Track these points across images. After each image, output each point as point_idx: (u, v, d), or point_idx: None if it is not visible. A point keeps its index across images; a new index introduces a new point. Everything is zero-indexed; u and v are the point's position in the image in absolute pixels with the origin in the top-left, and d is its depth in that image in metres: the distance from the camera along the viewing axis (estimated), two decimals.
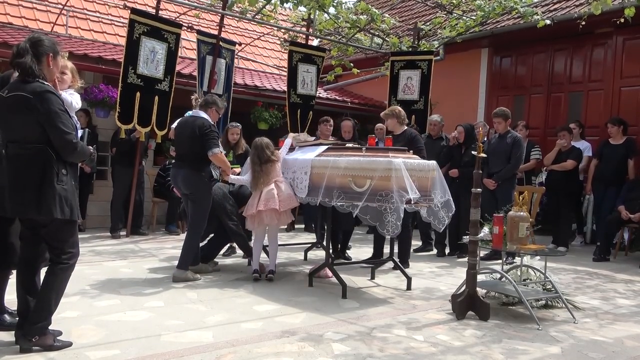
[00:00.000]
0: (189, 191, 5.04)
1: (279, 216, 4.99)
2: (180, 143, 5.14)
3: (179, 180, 5.07)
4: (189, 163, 4.99)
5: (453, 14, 9.62)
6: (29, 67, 2.97)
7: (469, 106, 10.05)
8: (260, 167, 5.00)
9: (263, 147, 5.04)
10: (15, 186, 2.96)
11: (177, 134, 5.19)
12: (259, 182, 4.99)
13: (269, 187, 4.96)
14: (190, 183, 5.01)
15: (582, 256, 6.96)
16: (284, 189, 4.97)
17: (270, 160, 5.02)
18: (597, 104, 8.79)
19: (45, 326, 3.08)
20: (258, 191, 5.00)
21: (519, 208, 4.21)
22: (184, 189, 5.07)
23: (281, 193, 4.94)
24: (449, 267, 6.16)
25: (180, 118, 5.34)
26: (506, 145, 6.54)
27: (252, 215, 5.01)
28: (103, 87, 7.83)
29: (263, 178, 4.98)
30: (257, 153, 5.03)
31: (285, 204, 4.94)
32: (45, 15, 10.10)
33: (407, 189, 4.10)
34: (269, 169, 5.01)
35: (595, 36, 8.71)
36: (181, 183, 5.06)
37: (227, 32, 11.19)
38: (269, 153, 5.02)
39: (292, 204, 5.03)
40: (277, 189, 4.95)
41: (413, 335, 3.61)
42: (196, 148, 4.94)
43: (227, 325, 3.69)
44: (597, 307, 4.50)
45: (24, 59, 2.98)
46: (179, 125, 5.19)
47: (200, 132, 4.90)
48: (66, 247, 3.11)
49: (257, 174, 5.00)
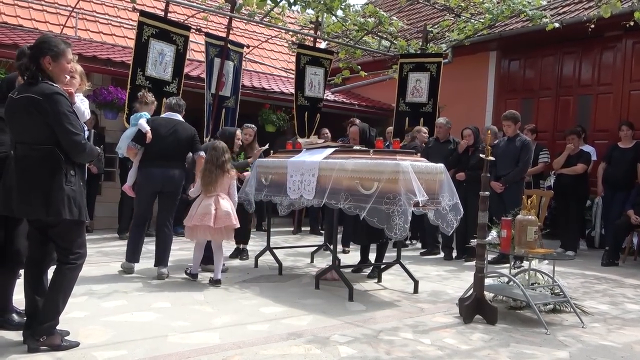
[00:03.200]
0: (175, 189, 5.24)
1: (212, 232, 4.89)
2: (169, 144, 5.18)
3: (166, 179, 5.16)
4: (176, 163, 5.23)
5: (461, 17, 9.60)
6: (24, 69, 2.99)
7: (477, 109, 10.03)
8: (215, 170, 4.92)
9: (221, 152, 5.00)
10: (24, 187, 2.98)
11: (161, 134, 5.20)
12: (208, 186, 4.93)
13: (209, 199, 4.88)
14: (179, 182, 5.25)
15: (591, 260, 6.92)
16: (222, 206, 4.87)
17: (225, 168, 4.95)
18: (606, 107, 8.74)
19: (53, 326, 3.09)
20: (201, 197, 4.97)
21: (527, 212, 4.18)
22: (170, 188, 5.20)
23: (219, 209, 4.84)
24: (456, 270, 6.13)
25: (150, 118, 5.39)
26: (515, 148, 6.51)
27: (188, 227, 4.96)
28: (112, 89, 7.87)
29: (212, 185, 4.91)
30: (216, 154, 4.97)
31: (220, 222, 4.83)
32: (55, 18, 10.18)
33: (414, 191, 4.09)
34: (220, 176, 4.93)
35: (605, 39, 8.67)
36: (169, 182, 5.17)
37: (235, 34, 11.23)
38: (224, 160, 4.97)
39: (227, 222, 4.87)
40: (215, 204, 4.85)
41: (420, 338, 3.59)
42: (184, 149, 5.27)
43: (234, 327, 3.69)
44: (606, 312, 4.46)
45: (22, 62, 3.01)
46: (159, 125, 5.25)
47: (193, 136, 5.28)
48: (74, 247, 3.12)
49: (208, 175, 4.92)
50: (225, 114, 8.29)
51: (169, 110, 5.45)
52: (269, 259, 5.88)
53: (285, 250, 6.81)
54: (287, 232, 8.95)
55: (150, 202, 5.34)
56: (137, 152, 5.24)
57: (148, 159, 5.20)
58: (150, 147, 5.18)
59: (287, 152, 5.66)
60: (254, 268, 5.79)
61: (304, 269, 5.96)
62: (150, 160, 5.19)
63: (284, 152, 5.75)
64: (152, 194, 5.28)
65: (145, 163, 5.22)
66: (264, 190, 5.47)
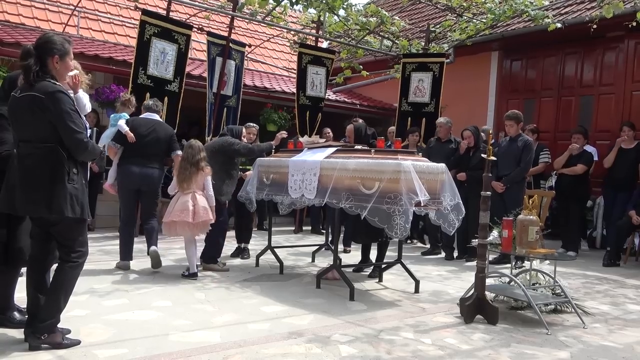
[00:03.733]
0: (154, 188, 5.44)
1: (192, 228, 5.04)
2: (149, 143, 5.36)
3: (145, 178, 5.33)
4: (155, 162, 5.42)
5: (463, 17, 9.60)
6: (32, 69, 3.00)
7: (479, 109, 10.03)
8: (190, 168, 5.06)
9: (197, 151, 5.12)
10: (27, 185, 2.98)
11: (140, 134, 5.34)
12: (182, 182, 5.06)
13: (186, 196, 5.02)
14: (158, 181, 5.47)
15: (592, 261, 6.91)
16: (199, 202, 5.03)
17: (199, 166, 5.07)
18: (608, 108, 8.74)
19: (54, 324, 3.10)
20: (178, 194, 5.11)
21: (528, 212, 4.18)
22: (148, 186, 5.38)
23: (196, 205, 5.00)
24: (457, 270, 6.13)
25: (130, 118, 5.56)
26: (517, 148, 6.50)
27: (166, 223, 5.08)
28: (114, 87, 7.87)
29: (187, 182, 5.05)
30: (192, 152, 5.10)
31: (198, 217, 4.99)
32: (57, 16, 10.19)
33: (416, 191, 4.09)
34: (195, 174, 5.07)
35: (607, 40, 8.66)
36: (147, 180, 5.35)
37: (237, 33, 11.23)
38: (200, 159, 5.09)
39: (205, 217, 5.04)
40: (192, 200, 5.01)
41: (421, 338, 3.60)
42: (163, 149, 5.48)
43: (235, 326, 3.69)
44: (607, 313, 4.46)
45: (28, 62, 3.01)
46: (139, 125, 5.42)
47: (171, 136, 5.55)
48: (75, 245, 3.13)
49: (183, 172, 5.06)
50: (226, 113, 8.29)
51: (148, 111, 5.61)
52: (270, 258, 5.89)
53: (287, 250, 6.81)
54: (289, 231, 8.96)
55: (133, 199, 5.49)
56: (117, 152, 5.40)
57: (127, 157, 5.35)
58: (130, 146, 5.32)
59: (289, 151, 5.66)
60: (255, 267, 5.79)
61: (305, 268, 5.96)
62: (129, 158, 5.33)
63: (286, 151, 5.75)
64: (132, 192, 5.41)
65: (124, 161, 5.36)
66: (265, 190, 5.48)
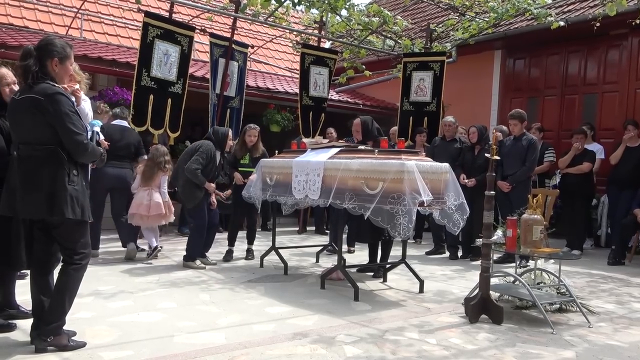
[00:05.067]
0: (126, 186, 6.11)
1: (146, 220, 5.89)
2: (122, 147, 6.12)
3: (118, 177, 6.05)
4: (127, 164, 6.21)
5: (466, 16, 9.58)
6: (31, 70, 3.00)
7: (482, 108, 10.01)
8: (153, 167, 5.93)
9: (162, 154, 6.02)
10: (27, 187, 2.99)
11: (114, 139, 6.03)
12: (147, 180, 5.93)
13: (144, 192, 5.91)
14: (129, 180, 6.16)
15: (597, 260, 6.89)
16: (154, 197, 5.89)
17: (162, 168, 5.96)
18: (612, 106, 8.71)
19: (60, 326, 3.11)
20: (140, 189, 5.95)
21: (533, 211, 4.17)
22: (123, 184, 6.10)
23: (151, 200, 5.86)
24: (461, 270, 6.13)
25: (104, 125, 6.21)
26: (521, 147, 6.49)
27: (130, 214, 5.95)
28: (117, 89, 7.90)
29: (149, 180, 5.92)
30: (157, 154, 6.00)
31: (152, 210, 5.84)
32: (61, 19, 10.22)
33: (419, 191, 4.08)
34: (157, 173, 5.94)
35: (610, 38, 8.63)
36: (120, 179, 6.08)
37: (240, 34, 11.24)
38: (163, 161, 5.97)
39: (158, 211, 5.87)
40: (148, 196, 5.87)
41: (425, 338, 3.59)
42: (133, 152, 6.29)
43: (240, 327, 3.70)
44: (612, 311, 4.45)
45: (27, 62, 3.01)
46: (114, 131, 6.16)
47: (139, 141, 6.39)
48: (78, 247, 3.13)
49: (149, 170, 5.94)
50: (230, 114, 8.30)
51: (117, 119, 6.38)
52: (274, 259, 5.89)
53: (291, 250, 6.82)
54: (293, 231, 8.96)
55: (103, 199, 6.11)
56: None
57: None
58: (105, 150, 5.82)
59: (292, 152, 5.66)
60: (260, 268, 5.80)
61: (309, 268, 5.96)
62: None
63: (289, 152, 5.76)
64: (105, 191, 6.09)
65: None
66: (268, 190, 5.48)
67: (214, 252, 6.28)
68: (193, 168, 5.54)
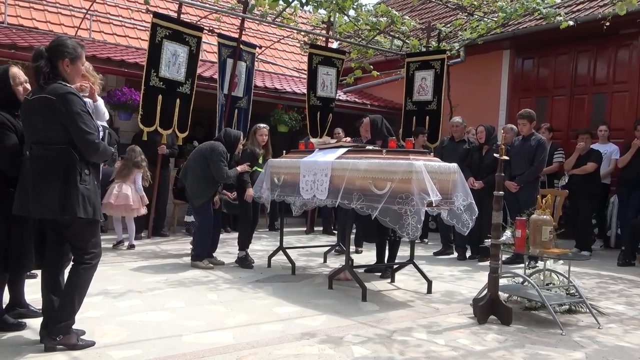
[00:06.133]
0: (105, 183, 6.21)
1: (114, 209, 6.49)
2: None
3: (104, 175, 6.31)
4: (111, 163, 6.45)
5: (474, 16, 9.55)
6: (43, 71, 3.02)
7: (491, 108, 9.96)
8: (130, 166, 6.53)
9: (138, 154, 6.62)
10: (40, 187, 3.00)
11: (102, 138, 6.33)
12: (122, 176, 6.54)
13: (116, 184, 6.49)
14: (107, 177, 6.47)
15: (606, 260, 6.84)
16: (123, 189, 6.47)
17: (138, 165, 6.59)
18: (622, 105, 8.64)
19: (69, 325, 3.12)
20: (115, 182, 6.51)
21: (542, 211, 4.15)
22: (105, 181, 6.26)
23: (120, 192, 6.44)
24: (470, 270, 6.10)
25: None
26: (530, 147, 6.46)
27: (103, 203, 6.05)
28: (126, 90, 7.93)
29: (123, 176, 6.52)
30: (134, 155, 6.61)
31: (119, 200, 6.40)
32: (70, 20, 10.29)
33: (428, 191, 4.07)
34: (132, 170, 6.55)
35: (620, 37, 8.56)
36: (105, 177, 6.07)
37: (248, 35, 11.27)
38: (139, 160, 6.59)
39: (125, 201, 6.43)
40: (118, 188, 6.45)
41: (434, 339, 3.58)
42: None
43: (247, 327, 3.70)
44: (622, 313, 4.41)
45: (39, 63, 3.03)
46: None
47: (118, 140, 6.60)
48: (89, 247, 3.15)
49: (125, 167, 6.55)
50: (237, 114, 8.33)
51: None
52: (282, 259, 5.89)
53: (298, 250, 6.82)
54: (300, 232, 8.96)
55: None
56: None
57: None
58: None
59: (300, 152, 5.66)
60: (267, 268, 5.80)
61: (317, 268, 5.96)
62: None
63: (297, 152, 5.76)
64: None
65: None
66: (276, 190, 5.49)
67: (221, 253, 6.29)
68: (224, 173, 5.61)
